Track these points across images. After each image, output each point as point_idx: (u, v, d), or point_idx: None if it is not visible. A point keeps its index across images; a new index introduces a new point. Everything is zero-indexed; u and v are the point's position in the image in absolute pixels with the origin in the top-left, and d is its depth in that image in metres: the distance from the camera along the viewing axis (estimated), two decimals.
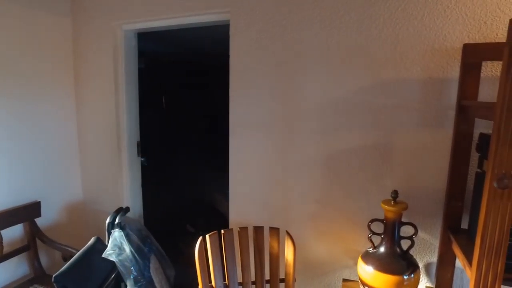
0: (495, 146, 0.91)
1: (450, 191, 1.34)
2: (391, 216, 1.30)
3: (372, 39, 1.42)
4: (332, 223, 1.58)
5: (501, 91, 0.89)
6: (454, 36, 1.33)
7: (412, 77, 1.39)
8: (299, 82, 1.54)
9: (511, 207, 0.91)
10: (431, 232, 1.45)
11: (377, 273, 1.30)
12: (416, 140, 1.41)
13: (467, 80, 1.28)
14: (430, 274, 1.50)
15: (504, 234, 0.93)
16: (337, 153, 1.52)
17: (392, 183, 1.46)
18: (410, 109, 1.40)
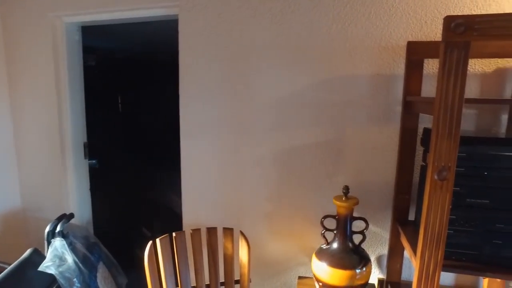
0: (435, 140, 0.93)
1: (398, 185, 1.38)
2: (343, 212, 1.31)
3: (322, 36, 1.42)
4: (286, 221, 1.57)
5: (439, 87, 0.91)
6: (399, 34, 1.37)
7: (361, 74, 1.41)
8: (250, 79, 1.51)
9: (449, 197, 0.94)
10: (381, 225, 1.49)
11: (330, 269, 1.30)
12: (366, 135, 1.44)
13: (411, 77, 1.32)
14: (381, 266, 1.54)
15: (444, 223, 0.96)
16: (290, 150, 1.52)
17: (344, 179, 1.48)
18: (360, 105, 1.43)
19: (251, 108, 1.53)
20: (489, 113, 1.34)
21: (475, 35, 0.88)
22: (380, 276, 1.55)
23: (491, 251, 1.04)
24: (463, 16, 0.88)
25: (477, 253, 1.05)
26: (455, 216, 1.04)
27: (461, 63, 0.90)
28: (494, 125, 1.34)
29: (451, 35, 0.89)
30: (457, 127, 0.91)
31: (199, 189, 1.65)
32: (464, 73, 0.90)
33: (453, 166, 0.93)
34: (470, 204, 1.03)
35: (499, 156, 1.00)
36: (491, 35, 0.87)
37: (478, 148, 1.01)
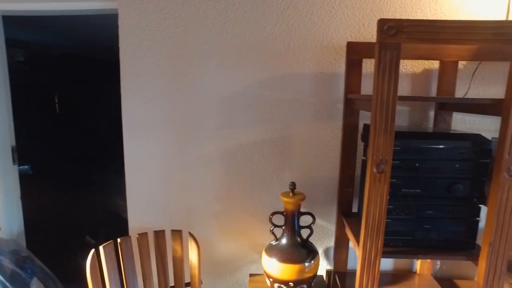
0: (373, 135, 0.99)
1: (341, 179, 1.44)
2: (290, 208, 1.34)
3: (267, 35, 1.44)
4: (236, 219, 1.57)
5: (375, 85, 0.97)
6: (339, 35, 1.43)
7: (305, 72, 1.45)
8: (195, 77, 1.48)
9: (387, 189, 1.01)
10: (328, 218, 1.55)
11: (280, 264, 1.32)
12: (311, 132, 1.49)
13: (352, 75, 1.39)
14: (329, 257, 1.60)
15: (383, 213, 1.02)
16: (237, 149, 1.52)
17: (290, 175, 1.52)
18: (304, 103, 1.47)
19: (197, 107, 1.50)
20: (419, 109, 1.46)
21: (404, 37, 0.95)
22: (328, 268, 1.61)
23: (422, 235, 1.14)
24: (394, 20, 0.94)
25: (411, 238, 1.14)
26: (392, 206, 1.11)
27: (394, 63, 0.96)
28: (424, 121, 1.47)
29: (384, 37, 0.95)
30: (392, 123, 0.98)
31: (145, 191, 1.58)
32: (396, 72, 0.96)
33: (390, 159, 0.99)
34: (405, 194, 1.11)
35: (428, 149, 1.09)
36: (417, 38, 0.95)
37: (410, 142, 1.09)
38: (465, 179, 1.10)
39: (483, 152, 1.09)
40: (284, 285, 1.34)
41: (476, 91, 1.44)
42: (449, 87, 1.39)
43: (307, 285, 1.36)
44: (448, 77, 1.39)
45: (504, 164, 0.99)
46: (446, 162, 1.09)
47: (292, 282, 1.33)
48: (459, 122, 1.47)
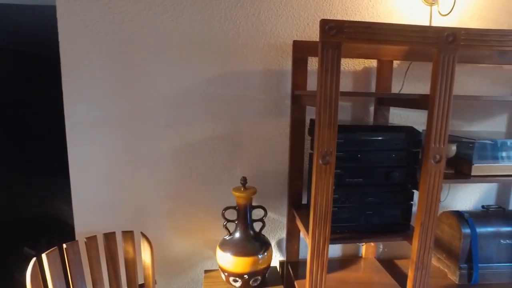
0: (318, 129, 1.05)
1: (291, 172, 1.51)
2: (242, 202, 1.37)
3: (215, 32, 1.45)
4: (189, 217, 1.57)
5: (319, 82, 1.03)
6: (285, 33, 1.49)
7: (253, 69, 1.48)
8: (143, 75, 1.45)
9: (332, 179, 1.07)
10: (279, 211, 1.61)
11: (234, 258, 1.35)
12: (260, 128, 1.53)
13: (298, 73, 1.45)
14: (281, 248, 1.66)
15: (329, 202, 1.09)
16: (188, 146, 1.51)
17: (241, 171, 1.55)
18: (254, 100, 1.50)
19: (144, 105, 1.47)
20: (360, 105, 1.57)
21: (344, 37, 1.02)
22: (281, 259, 1.67)
23: (365, 221, 1.23)
24: (334, 21, 1.01)
25: (356, 224, 1.23)
26: (337, 195, 1.19)
27: (335, 61, 1.03)
28: (365, 115, 1.58)
29: (326, 36, 1.02)
30: (335, 117, 1.05)
31: (92, 193, 1.51)
32: (338, 69, 1.03)
33: (334, 151, 1.06)
34: (349, 183, 1.20)
35: (368, 141, 1.18)
36: (355, 38, 1.02)
37: (352, 134, 1.17)
38: (400, 167, 1.21)
39: (414, 143, 1.21)
40: (239, 278, 1.37)
41: (409, 88, 1.58)
42: (386, 84, 1.51)
43: (261, 276, 1.41)
44: (385, 75, 1.51)
45: (431, 152, 1.11)
46: (384, 152, 1.20)
47: (246, 275, 1.36)
48: (395, 116, 1.60)
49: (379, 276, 1.51)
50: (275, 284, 1.45)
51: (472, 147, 1.26)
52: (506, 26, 1.61)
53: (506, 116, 1.71)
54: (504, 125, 1.72)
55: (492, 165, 1.27)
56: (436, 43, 1.07)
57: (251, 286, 1.40)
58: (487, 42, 1.10)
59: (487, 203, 1.77)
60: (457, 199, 1.75)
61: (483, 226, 1.49)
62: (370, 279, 1.49)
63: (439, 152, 1.12)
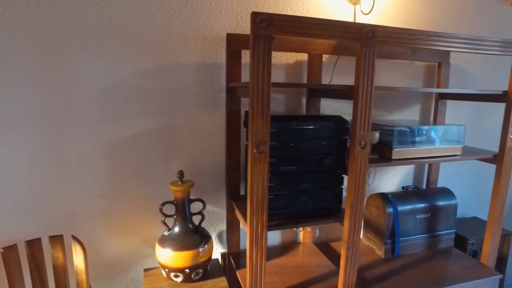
0: (251, 119, 1.07)
1: (228, 164, 1.52)
2: (180, 196, 1.35)
3: (147, 23, 1.40)
4: (125, 215, 1.50)
5: (251, 73, 1.05)
6: (219, 26, 1.49)
7: (187, 62, 1.46)
8: (69, 66, 1.34)
9: (267, 168, 1.11)
10: (218, 203, 1.61)
11: (174, 253, 1.33)
12: (196, 121, 1.51)
13: (232, 65, 1.46)
14: (222, 241, 1.67)
15: (265, 190, 1.12)
16: (121, 142, 1.44)
17: (179, 165, 1.52)
18: (189, 93, 1.48)
19: (71, 99, 1.36)
20: (293, 97, 1.63)
21: (274, 30, 1.05)
22: (222, 251, 1.68)
23: (301, 206, 1.30)
24: (265, 14, 1.03)
25: (291, 210, 1.29)
26: (273, 183, 1.23)
27: (267, 53, 1.06)
28: (298, 107, 1.65)
29: (257, 29, 1.04)
30: (268, 107, 1.08)
31: (13, 199, 1.37)
32: (269, 61, 1.06)
33: (268, 140, 1.10)
34: (283, 171, 1.25)
35: (300, 130, 1.24)
36: (285, 31, 1.06)
37: (285, 124, 1.22)
38: (330, 154, 1.29)
39: (342, 131, 1.30)
40: (180, 273, 1.36)
41: (338, 81, 1.69)
42: (316, 76, 1.60)
43: (203, 269, 1.41)
44: (315, 68, 1.59)
45: (357, 139, 1.20)
46: (315, 140, 1.27)
47: (188, 269, 1.35)
48: (326, 107, 1.70)
49: (316, 259, 1.61)
50: (217, 276, 1.46)
51: (392, 133, 1.39)
52: (415, 27, 1.80)
53: (419, 106, 1.92)
54: (417, 114, 1.92)
55: (409, 149, 1.42)
56: (358, 38, 1.15)
57: (192, 280, 1.39)
58: (400, 39, 1.22)
59: (406, 184, 1.97)
60: (382, 182, 1.92)
61: (403, 204, 1.66)
62: (308, 262, 1.57)
63: (364, 138, 1.21)
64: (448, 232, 1.79)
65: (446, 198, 1.76)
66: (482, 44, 1.35)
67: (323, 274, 1.47)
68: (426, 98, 1.93)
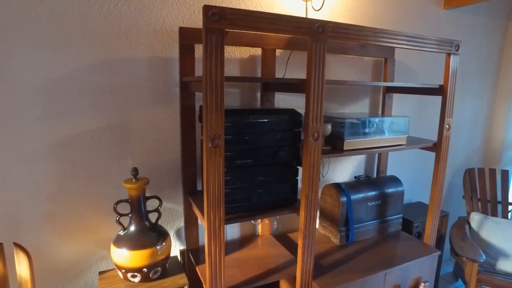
0: (205, 113, 1.07)
1: (184, 160, 1.50)
2: (135, 194, 1.32)
3: (93, 14, 1.33)
4: (76, 217, 1.42)
5: (204, 67, 1.05)
6: (171, 20, 1.45)
7: (139, 56, 1.42)
8: (7, 61, 1.24)
9: (222, 161, 1.11)
10: (175, 200, 1.59)
11: (131, 253, 1.29)
12: (150, 117, 1.48)
13: (185, 60, 1.44)
14: (181, 237, 1.65)
15: (221, 184, 1.13)
16: (70, 139, 1.36)
17: (133, 162, 1.47)
18: (141, 88, 1.44)
19: (10, 95, 1.26)
20: (248, 91, 1.64)
21: (227, 24, 1.06)
22: (181, 248, 1.66)
23: (257, 199, 1.32)
24: (217, 7, 1.03)
25: (248, 203, 1.30)
26: (229, 177, 1.24)
27: (219, 46, 1.06)
28: (253, 101, 1.66)
29: (209, 22, 1.03)
30: (222, 101, 1.08)
31: None
32: (222, 54, 1.06)
33: (222, 134, 1.10)
34: (239, 165, 1.26)
35: (254, 123, 1.26)
36: (237, 25, 1.07)
37: (239, 118, 1.23)
38: (285, 147, 1.33)
39: (296, 123, 1.33)
40: (137, 273, 1.32)
41: (291, 75, 1.73)
42: (270, 71, 1.62)
43: (161, 267, 1.38)
44: (269, 63, 1.61)
45: (310, 131, 1.24)
46: (269, 133, 1.29)
47: (145, 268, 1.32)
48: (281, 101, 1.73)
49: (275, 250, 1.64)
50: (177, 273, 1.44)
51: (343, 125, 1.45)
52: (363, 24, 1.89)
53: (368, 99, 2.02)
54: (367, 107, 2.03)
55: (359, 140, 1.49)
56: (309, 33, 1.19)
57: (151, 279, 1.36)
58: (348, 35, 1.27)
59: (359, 173, 2.07)
60: (336, 173, 2.01)
61: (356, 193, 1.74)
62: (267, 254, 1.60)
63: (317, 130, 1.26)
64: (397, 217, 1.91)
65: (394, 185, 1.88)
66: (421, 42, 1.46)
67: (282, 263, 1.51)
68: (375, 92, 2.04)
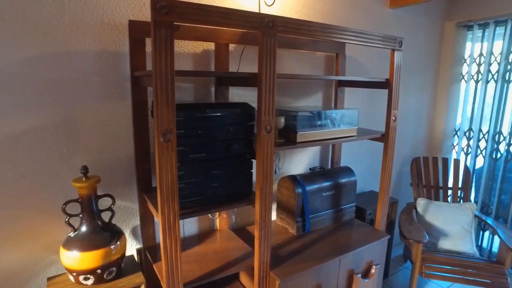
0: (156, 107, 1.06)
1: (137, 156, 1.47)
2: (85, 193, 1.27)
3: (33, 4, 1.25)
4: (21, 222, 1.33)
5: (154, 61, 1.03)
6: (120, 12, 1.41)
7: (86, 50, 1.36)
8: None
9: (175, 156, 1.11)
10: (130, 198, 1.55)
11: (82, 254, 1.25)
12: (100, 113, 1.42)
13: (136, 54, 1.41)
14: (137, 236, 1.62)
15: (175, 179, 1.12)
16: (10, 138, 1.27)
17: (83, 160, 1.41)
18: (90, 83, 1.38)
19: None
20: (202, 86, 1.64)
21: (176, 17, 1.05)
22: (138, 246, 1.63)
23: (212, 193, 1.32)
24: (166, 0, 1.02)
25: (203, 197, 1.31)
26: (183, 172, 1.23)
27: (169, 40, 1.04)
28: (207, 95, 1.66)
29: (158, 15, 1.02)
30: (172, 95, 1.07)
31: None
32: (172, 48, 1.05)
33: (174, 129, 1.09)
34: (193, 159, 1.25)
35: (207, 117, 1.26)
36: (187, 18, 1.06)
37: (191, 112, 1.22)
38: (239, 140, 1.34)
39: (249, 117, 1.35)
40: (90, 275, 1.28)
41: (245, 69, 1.74)
42: (224, 66, 1.62)
43: (116, 267, 1.35)
44: (222, 57, 1.62)
45: (263, 124, 1.27)
46: (223, 127, 1.30)
47: (99, 269, 1.28)
48: (235, 95, 1.74)
49: (233, 243, 1.66)
50: (133, 272, 1.41)
51: (296, 118, 1.50)
52: (314, 20, 1.95)
53: (321, 93, 2.10)
54: (321, 101, 2.10)
55: (312, 132, 1.54)
56: (259, 28, 1.21)
57: (105, 280, 1.32)
58: (298, 30, 1.31)
59: (314, 165, 2.14)
60: (292, 165, 2.06)
61: (311, 184, 1.80)
62: (226, 247, 1.62)
63: (269, 123, 1.28)
64: (350, 205, 2.01)
65: (347, 176, 1.97)
66: (367, 37, 1.53)
67: (240, 256, 1.53)
68: (328, 86, 2.12)
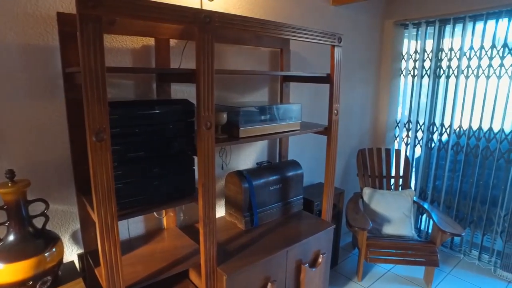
0: (87, 106, 1.01)
1: (74, 157, 1.39)
2: (12, 198, 1.18)
3: None
4: None
5: (81, 57, 0.98)
6: (47, 3, 1.32)
7: (7, 43, 1.25)
8: None
9: (110, 156, 1.07)
10: (68, 201, 1.47)
11: (9, 266, 1.16)
12: (29, 112, 1.32)
13: (68, 48, 1.32)
14: (78, 241, 1.54)
15: (111, 179, 1.08)
16: None
17: (10, 163, 1.31)
18: (13, 80, 1.28)
19: None
20: (143, 83, 1.59)
21: (104, 11, 1.00)
22: (79, 252, 1.55)
23: (154, 191, 1.29)
24: None
25: (145, 196, 1.27)
26: (121, 171, 1.19)
27: (97, 35, 1.00)
28: (149, 92, 1.62)
29: (84, 8, 0.97)
30: (104, 92, 1.03)
31: None
32: (101, 44, 1.01)
33: (108, 128, 1.05)
34: (131, 158, 1.22)
35: (144, 115, 1.22)
36: (117, 12, 1.02)
37: (126, 110, 1.18)
38: (180, 137, 1.32)
39: (189, 113, 1.34)
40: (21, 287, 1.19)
41: (188, 65, 1.72)
42: (165, 62, 1.59)
43: (52, 275, 1.27)
44: (163, 53, 1.58)
45: (202, 120, 1.26)
46: (162, 125, 1.27)
47: (31, 280, 1.20)
48: (178, 92, 1.71)
49: (181, 241, 1.64)
50: (72, 279, 1.35)
51: (238, 114, 1.51)
52: (259, 16, 1.97)
53: (267, 88, 2.13)
54: (266, 96, 2.13)
55: (255, 127, 1.56)
56: (195, 23, 1.19)
57: None
58: (235, 25, 1.32)
59: (262, 160, 2.18)
60: (240, 161, 2.08)
61: (258, 179, 1.83)
62: (173, 246, 1.59)
63: (209, 119, 1.28)
64: (298, 198, 2.07)
65: (294, 169, 2.03)
66: (307, 33, 1.58)
67: (187, 254, 1.52)
68: (273, 81, 2.15)
